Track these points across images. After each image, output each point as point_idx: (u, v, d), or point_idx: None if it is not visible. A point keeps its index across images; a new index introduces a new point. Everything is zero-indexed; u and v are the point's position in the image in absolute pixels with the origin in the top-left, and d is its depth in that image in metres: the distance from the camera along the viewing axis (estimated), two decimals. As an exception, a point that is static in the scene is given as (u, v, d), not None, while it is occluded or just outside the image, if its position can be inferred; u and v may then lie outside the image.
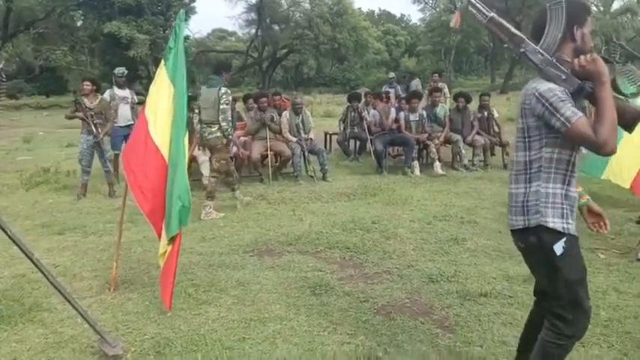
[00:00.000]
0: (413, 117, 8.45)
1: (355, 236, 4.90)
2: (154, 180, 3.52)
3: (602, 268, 3.95)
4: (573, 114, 1.91)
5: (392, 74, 13.32)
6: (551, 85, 1.97)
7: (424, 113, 8.57)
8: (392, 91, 11.13)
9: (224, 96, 5.82)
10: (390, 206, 6.07)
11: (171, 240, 3.32)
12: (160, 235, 3.48)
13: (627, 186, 5.02)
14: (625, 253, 4.19)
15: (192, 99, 6.56)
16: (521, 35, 2.06)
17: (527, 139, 2.07)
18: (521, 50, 2.04)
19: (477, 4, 2.13)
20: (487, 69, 51.23)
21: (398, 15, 67.60)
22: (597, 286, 3.60)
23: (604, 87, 1.93)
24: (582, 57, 1.96)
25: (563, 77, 1.99)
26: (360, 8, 48.44)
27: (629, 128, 2.06)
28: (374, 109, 9.35)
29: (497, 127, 8.84)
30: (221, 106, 5.81)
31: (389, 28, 57.05)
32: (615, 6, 46.93)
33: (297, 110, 8.10)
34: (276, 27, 41.43)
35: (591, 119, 1.96)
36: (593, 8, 47.43)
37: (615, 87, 2.05)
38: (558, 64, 2.01)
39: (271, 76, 44.65)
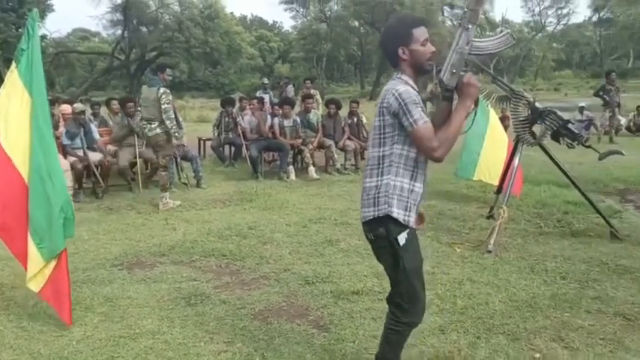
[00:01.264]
0: (287, 123, 8.58)
1: (231, 243, 4.86)
2: (4, 192, 3.22)
3: (458, 260, 4.33)
4: (421, 117, 2.11)
5: (265, 80, 13.41)
6: (409, 88, 2.16)
7: (298, 119, 8.75)
8: (266, 97, 11.21)
9: (163, 96, 6.10)
10: (266, 211, 6.10)
11: (55, 257, 3.19)
12: (18, 255, 3.24)
13: (496, 183, 5.56)
14: (477, 246, 4.62)
15: (51, 103, 6.20)
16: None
17: (382, 136, 2.21)
18: (466, 27, 2.23)
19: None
20: (357, 77, 53.57)
21: (270, 21, 68.28)
22: (454, 277, 3.93)
23: (468, 105, 2.19)
24: (470, 76, 2.20)
25: (454, 71, 2.20)
26: (232, 13, 48.14)
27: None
28: (252, 114, 9.32)
29: (366, 132, 9.29)
30: (162, 106, 6.09)
31: (262, 34, 57.43)
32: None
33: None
34: (144, 29, 39.67)
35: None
36: (448, 23, 51.70)
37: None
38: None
39: (140, 80, 42.66)
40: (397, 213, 2.17)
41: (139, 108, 6.74)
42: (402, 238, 2.18)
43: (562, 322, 3.22)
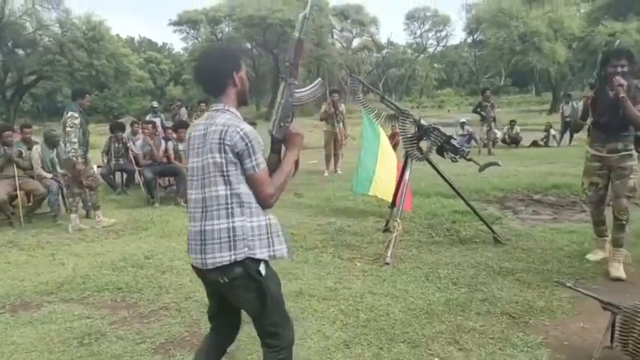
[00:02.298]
0: (182, 146, 8.37)
1: (127, 274, 4.62)
2: None
3: (359, 274, 4.46)
4: (262, 162, 2.12)
5: (155, 103, 13.04)
6: (252, 128, 2.15)
7: (193, 142, 8.54)
8: (157, 120, 10.88)
9: (69, 119, 6.22)
10: (164, 239, 5.89)
11: None
12: None
13: (390, 199, 5.78)
14: (376, 259, 4.79)
15: None
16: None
17: (225, 174, 2.09)
18: (290, 81, 2.29)
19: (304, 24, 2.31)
20: (252, 98, 53.69)
21: (160, 43, 66.50)
22: (356, 291, 4.04)
23: (295, 153, 2.26)
24: (294, 126, 2.28)
25: (282, 124, 2.27)
26: (118, 35, 46.32)
27: None
28: (145, 139, 8.94)
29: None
30: (66, 129, 6.23)
31: (151, 56, 55.72)
32: (355, 43, 53.69)
33: (52, 143, 7.34)
34: (21, 51, 36.98)
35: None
36: (338, 45, 53.58)
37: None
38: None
39: (18, 106, 39.54)
40: (261, 253, 2.11)
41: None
42: (262, 269, 2.13)
43: (456, 326, 3.43)
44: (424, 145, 5.27)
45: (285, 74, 2.31)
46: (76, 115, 6.29)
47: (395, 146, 7.03)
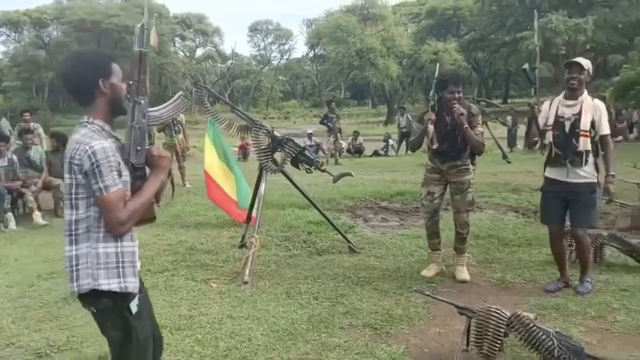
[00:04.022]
0: (1, 162, 7.27)
1: None
2: None
3: (216, 297, 4.15)
4: (114, 184, 1.91)
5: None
6: (107, 145, 1.93)
7: (15, 158, 7.49)
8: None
9: None
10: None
11: None
12: None
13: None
14: (233, 278, 4.51)
15: None
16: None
17: (73, 197, 1.95)
18: (137, 101, 2.07)
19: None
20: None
21: (-27, 46, 58.43)
22: (214, 317, 3.73)
23: (162, 174, 2.09)
24: (155, 149, 2.11)
25: (139, 149, 2.06)
26: None
27: None
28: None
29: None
30: None
31: (-38, 60, 48.73)
32: (199, 52, 52.64)
33: None
34: None
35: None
36: (180, 54, 52.06)
37: None
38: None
39: None
40: (109, 284, 1.95)
41: None
42: (134, 306, 2.00)
43: (321, 344, 3.31)
44: (278, 156, 5.14)
45: (131, 94, 2.06)
46: None
47: (245, 157, 6.83)
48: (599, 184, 4.09)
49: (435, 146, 4.44)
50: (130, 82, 2.06)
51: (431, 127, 4.38)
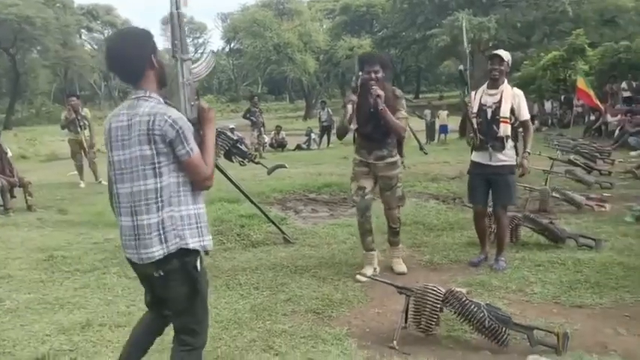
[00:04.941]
0: None
1: None
2: None
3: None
4: (195, 146, 2.08)
5: None
6: (180, 114, 2.09)
7: None
8: None
9: None
10: None
11: None
12: None
13: None
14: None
15: None
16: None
17: (156, 166, 2.05)
18: (184, 58, 2.21)
19: None
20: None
21: None
22: (155, 311, 3.67)
23: (213, 126, 2.23)
24: (203, 102, 2.25)
25: (193, 104, 2.20)
26: None
27: None
28: None
29: (11, 166, 7.94)
30: None
31: None
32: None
33: None
34: None
35: None
36: (88, 46, 49.43)
37: None
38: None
39: None
40: (193, 244, 2.12)
41: None
42: (198, 264, 2.18)
43: (267, 331, 3.38)
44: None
45: (177, 53, 2.19)
46: None
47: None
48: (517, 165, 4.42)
49: (353, 127, 4.29)
50: (174, 42, 2.18)
51: (349, 107, 4.22)
